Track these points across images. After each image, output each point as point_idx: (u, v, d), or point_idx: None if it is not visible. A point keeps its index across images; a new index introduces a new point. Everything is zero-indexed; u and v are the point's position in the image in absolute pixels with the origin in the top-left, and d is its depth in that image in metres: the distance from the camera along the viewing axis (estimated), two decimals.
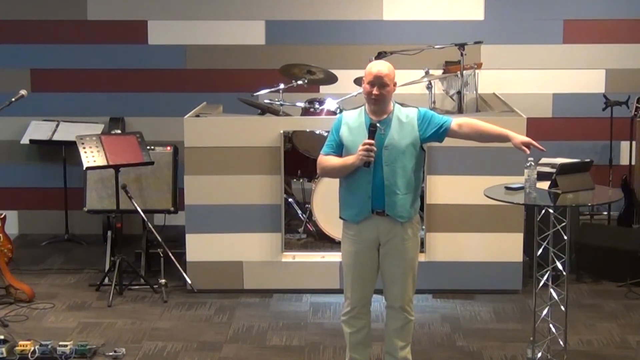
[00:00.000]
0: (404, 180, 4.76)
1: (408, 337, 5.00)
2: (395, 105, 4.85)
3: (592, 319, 6.18)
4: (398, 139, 4.74)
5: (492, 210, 6.35)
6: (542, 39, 8.09)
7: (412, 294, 4.95)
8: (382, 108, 4.78)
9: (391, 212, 4.77)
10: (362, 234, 4.83)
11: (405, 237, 4.82)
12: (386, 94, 4.74)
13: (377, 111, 4.79)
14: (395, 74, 4.79)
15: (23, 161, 8.29)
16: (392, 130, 4.76)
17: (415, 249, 4.92)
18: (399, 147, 4.74)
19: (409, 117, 4.81)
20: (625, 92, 7.80)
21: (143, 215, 6.76)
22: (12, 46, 8.21)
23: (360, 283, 4.91)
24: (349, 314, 4.97)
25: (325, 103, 7.19)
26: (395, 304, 4.92)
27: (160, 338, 5.91)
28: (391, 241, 4.82)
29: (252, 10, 8.11)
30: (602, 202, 6.31)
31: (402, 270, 4.87)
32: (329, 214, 6.83)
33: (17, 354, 5.46)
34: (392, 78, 4.76)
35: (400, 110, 4.84)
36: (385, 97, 4.76)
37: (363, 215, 4.80)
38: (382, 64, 4.80)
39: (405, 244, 4.84)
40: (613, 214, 7.70)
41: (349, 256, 4.90)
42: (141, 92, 8.24)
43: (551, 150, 7.72)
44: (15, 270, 6.95)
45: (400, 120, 4.79)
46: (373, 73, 4.73)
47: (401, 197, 4.76)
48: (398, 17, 8.09)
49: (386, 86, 4.72)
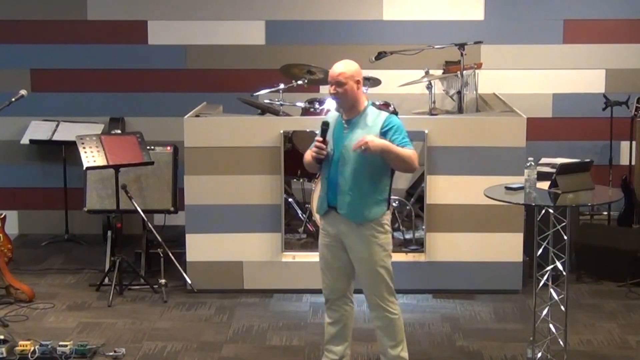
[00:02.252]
0: (356, 182, 4.79)
1: (395, 335, 4.99)
2: (368, 106, 4.86)
3: (592, 319, 6.18)
4: (356, 140, 4.75)
5: (492, 210, 6.35)
6: (542, 39, 8.09)
7: (387, 292, 4.93)
8: (348, 106, 4.82)
9: (341, 211, 4.83)
10: (326, 227, 4.96)
11: (360, 237, 4.84)
12: (344, 92, 4.77)
13: (346, 110, 4.84)
14: (358, 72, 4.80)
15: (23, 161, 8.29)
16: (355, 131, 4.80)
17: (374, 249, 4.86)
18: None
19: (375, 121, 4.81)
20: (625, 92, 7.80)
21: (143, 215, 6.76)
22: (12, 46, 8.21)
23: (328, 276, 5.03)
24: (325, 306, 5.10)
25: (325, 103, 7.19)
26: (370, 302, 4.98)
27: (160, 338, 5.91)
28: (347, 240, 4.88)
29: (252, 10, 8.11)
30: (602, 202, 6.32)
31: (363, 270, 4.92)
32: None
33: (17, 354, 5.46)
34: (349, 76, 4.77)
35: (371, 112, 4.85)
36: (345, 96, 4.78)
37: (323, 210, 4.94)
38: (341, 64, 4.82)
39: (362, 244, 4.85)
40: (613, 214, 7.70)
41: (319, 249, 5.05)
42: (141, 92, 8.24)
43: (551, 150, 7.80)
44: (15, 270, 6.95)
45: (367, 122, 4.81)
46: (330, 73, 4.81)
47: (351, 198, 4.80)
48: (398, 17, 8.08)
49: (343, 85, 4.75)
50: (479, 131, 6.55)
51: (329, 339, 5.13)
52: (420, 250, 6.71)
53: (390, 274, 4.94)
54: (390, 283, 4.94)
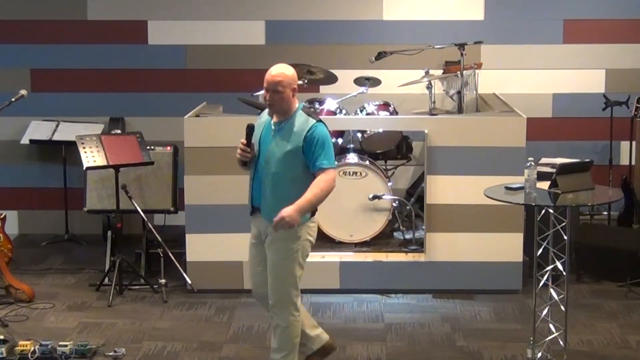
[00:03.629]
0: (276, 186, 4.79)
1: (281, 342, 4.94)
2: (298, 110, 4.84)
3: (592, 319, 6.18)
4: (281, 145, 4.78)
5: (492, 210, 6.35)
6: (542, 39, 8.09)
7: (285, 298, 4.87)
8: (279, 112, 4.82)
9: (263, 214, 4.86)
10: (252, 227, 5.01)
11: (275, 239, 4.83)
12: (280, 99, 4.76)
13: (277, 115, 4.85)
14: (295, 79, 4.79)
15: (23, 161, 8.29)
16: (280, 135, 4.81)
17: (285, 254, 4.83)
18: (276, 153, 4.78)
19: (301, 127, 4.78)
20: (625, 92, 7.80)
21: (143, 215, 6.76)
22: (12, 46, 8.21)
23: (252, 275, 5.06)
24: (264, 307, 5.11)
25: (325, 103, 7.20)
26: (271, 303, 4.94)
27: (160, 338, 5.91)
28: (266, 240, 4.90)
29: (252, 10, 8.11)
30: (602, 202, 6.32)
31: (270, 271, 4.90)
32: (329, 214, 6.83)
33: (17, 354, 5.47)
34: (287, 84, 4.75)
35: (300, 117, 4.82)
36: (280, 102, 4.77)
37: (249, 209, 4.97)
38: (280, 69, 4.79)
39: (275, 246, 4.85)
40: (613, 214, 7.69)
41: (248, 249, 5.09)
42: (141, 92, 8.24)
43: (551, 150, 7.80)
44: (15, 270, 6.95)
45: (293, 128, 4.79)
46: (267, 79, 4.78)
47: (271, 201, 4.80)
48: (398, 17, 8.08)
49: (280, 93, 4.74)
50: (479, 131, 6.55)
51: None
52: (420, 250, 6.71)
53: (295, 284, 4.87)
54: (292, 292, 4.87)
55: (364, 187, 6.81)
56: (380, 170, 7.05)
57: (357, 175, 6.84)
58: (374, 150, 7.28)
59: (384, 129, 7.08)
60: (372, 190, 6.80)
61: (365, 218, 6.85)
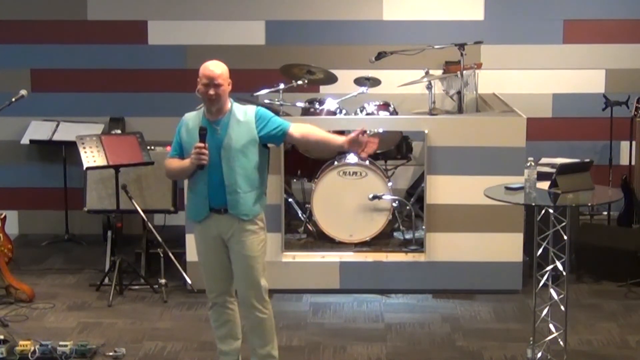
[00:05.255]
0: (245, 178, 4.83)
1: (264, 334, 5.01)
2: (233, 104, 4.91)
3: (592, 319, 6.18)
4: (235, 139, 4.81)
5: (492, 210, 6.35)
6: (542, 39, 8.09)
7: (261, 291, 4.95)
8: (219, 108, 4.85)
9: (234, 211, 4.85)
10: (205, 232, 4.95)
11: (245, 234, 4.88)
12: (222, 93, 4.81)
13: (214, 111, 4.86)
14: (228, 73, 4.86)
15: (23, 161, 8.29)
16: (229, 130, 4.83)
17: (257, 246, 4.92)
18: (236, 146, 4.81)
19: (247, 115, 4.87)
20: (625, 92, 7.80)
21: (143, 215, 6.76)
22: (12, 46, 8.21)
23: (214, 280, 5.03)
24: (212, 309, 5.10)
25: (325, 103, 7.20)
26: (244, 302, 4.98)
27: (160, 338, 5.91)
28: (232, 239, 4.90)
29: (252, 10, 8.11)
30: (602, 202, 6.32)
31: (244, 267, 4.92)
32: (329, 214, 6.84)
33: (17, 354, 5.47)
34: (225, 78, 4.83)
35: (238, 109, 4.90)
36: (220, 98, 4.82)
37: (202, 215, 4.92)
38: (215, 65, 4.86)
39: (246, 241, 4.88)
40: (613, 214, 7.69)
41: (200, 255, 5.05)
42: (141, 92, 8.24)
43: (551, 150, 7.80)
44: (15, 270, 6.95)
45: (238, 120, 4.85)
46: (207, 74, 4.83)
47: (243, 195, 4.84)
48: (398, 17, 8.08)
49: (220, 86, 4.79)
50: (479, 131, 6.55)
51: (221, 339, 5.13)
52: (420, 250, 6.71)
53: (265, 272, 4.98)
54: (265, 281, 4.97)
55: (364, 187, 6.81)
56: (380, 170, 7.05)
57: (357, 175, 6.84)
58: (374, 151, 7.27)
59: (384, 129, 7.08)
60: (372, 190, 6.80)
61: (365, 218, 6.85)
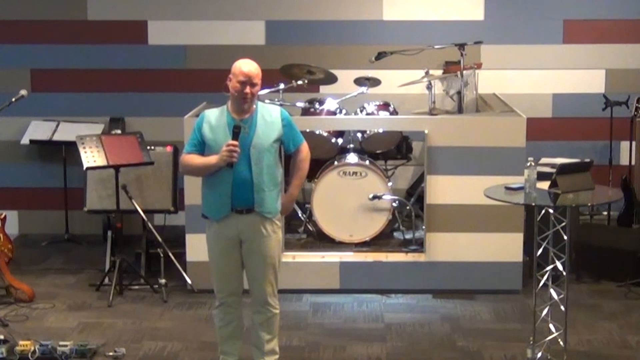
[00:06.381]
0: (270, 177, 4.90)
1: (273, 329, 5.11)
2: (258, 103, 4.95)
3: (592, 318, 6.18)
4: (264, 138, 4.87)
5: (492, 210, 6.35)
6: (542, 39, 8.09)
7: (275, 288, 5.06)
8: (250, 106, 4.89)
9: (260, 209, 4.88)
10: (223, 231, 4.95)
11: (266, 234, 4.93)
12: (256, 93, 4.86)
13: (242, 110, 4.88)
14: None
15: (23, 161, 8.29)
16: (257, 129, 4.88)
17: (276, 246, 5.00)
18: (265, 145, 4.87)
19: (273, 115, 4.93)
20: (625, 92, 7.80)
21: (143, 215, 6.76)
22: (12, 46, 8.21)
23: (225, 279, 5.04)
24: (219, 309, 5.11)
25: (325, 103, 7.20)
26: (259, 299, 5.02)
27: (160, 338, 5.91)
28: (252, 239, 4.92)
29: (252, 10, 8.11)
30: (602, 202, 6.33)
31: (264, 267, 4.96)
32: (329, 214, 6.84)
33: (17, 354, 5.47)
34: (260, 77, 4.89)
35: (264, 108, 4.97)
36: (254, 96, 4.88)
37: (223, 214, 4.92)
38: (251, 64, 4.90)
39: (267, 241, 4.93)
40: (613, 214, 7.70)
41: (213, 254, 5.04)
42: (141, 92, 8.24)
43: (551, 150, 7.80)
44: (16, 270, 6.95)
45: (265, 119, 4.91)
46: (245, 72, 4.85)
47: (268, 193, 4.89)
48: (398, 17, 8.08)
49: (256, 85, 4.85)
50: (479, 131, 6.55)
51: (223, 340, 5.15)
52: (420, 250, 6.71)
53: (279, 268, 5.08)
54: (277, 278, 5.06)
55: (364, 187, 6.81)
56: (380, 170, 7.05)
57: (357, 175, 6.84)
58: (374, 150, 7.28)
59: (384, 129, 7.08)
60: (372, 190, 6.80)
61: (365, 218, 6.85)
